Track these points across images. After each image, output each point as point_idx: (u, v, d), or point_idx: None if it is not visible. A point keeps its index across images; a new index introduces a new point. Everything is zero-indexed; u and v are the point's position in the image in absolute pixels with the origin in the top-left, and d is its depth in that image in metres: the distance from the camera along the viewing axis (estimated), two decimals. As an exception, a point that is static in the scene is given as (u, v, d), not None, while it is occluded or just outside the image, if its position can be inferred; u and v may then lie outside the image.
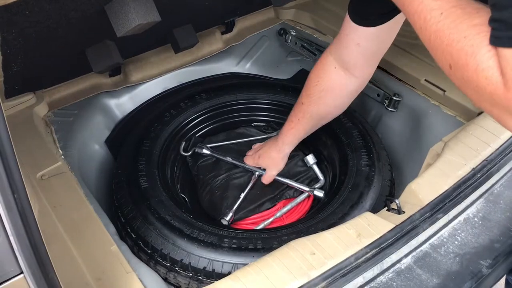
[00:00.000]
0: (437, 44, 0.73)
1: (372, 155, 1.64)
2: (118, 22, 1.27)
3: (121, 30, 1.27)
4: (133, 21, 1.25)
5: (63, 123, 1.77)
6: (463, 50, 0.68)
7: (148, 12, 1.27)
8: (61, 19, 1.23)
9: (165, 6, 1.33)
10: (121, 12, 1.25)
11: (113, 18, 1.26)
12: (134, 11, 1.24)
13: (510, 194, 1.39)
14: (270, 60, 2.30)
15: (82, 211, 1.36)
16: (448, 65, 0.71)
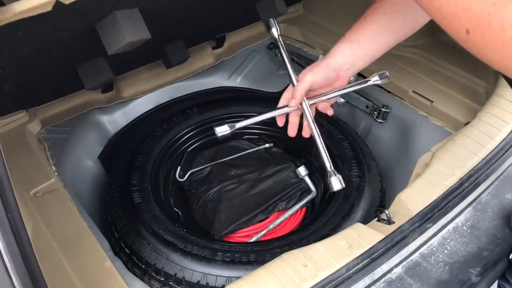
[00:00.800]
0: (451, 11, 0.72)
1: (362, 166, 1.67)
2: (109, 41, 1.28)
3: (112, 48, 1.29)
4: (123, 39, 1.26)
5: (56, 140, 1.78)
6: (485, 10, 0.67)
7: (138, 30, 1.29)
8: (52, 39, 1.25)
9: (156, 23, 1.35)
10: (111, 31, 1.27)
11: (104, 37, 1.28)
12: (124, 29, 1.25)
13: (497, 202, 1.41)
14: (261, 74, 2.33)
15: (75, 228, 1.37)
16: (465, 30, 0.71)
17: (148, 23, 1.33)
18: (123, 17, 1.26)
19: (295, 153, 1.94)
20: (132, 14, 1.28)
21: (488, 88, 1.73)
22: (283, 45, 1.34)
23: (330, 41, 2.13)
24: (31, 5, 1.02)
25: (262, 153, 1.92)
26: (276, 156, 1.91)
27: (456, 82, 1.84)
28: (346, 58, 1.18)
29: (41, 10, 1.04)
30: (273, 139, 1.96)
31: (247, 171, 1.84)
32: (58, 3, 1.05)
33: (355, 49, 1.17)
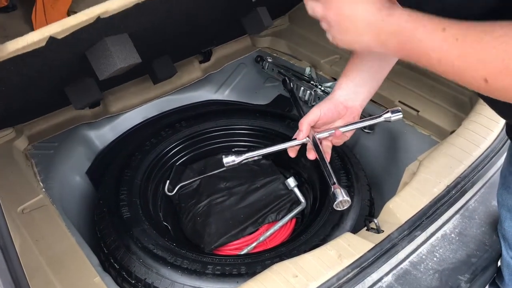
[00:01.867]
0: (465, 65, 0.75)
1: (350, 176, 1.68)
2: (99, 67, 1.29)
3: (103, 74, 1.30)
4: (114, 65, 1.27)
5: (43, 156, 1.77)
6: (498, 57, 0.69)
7: (129, 55, 1.30)
8: (43, 68, 1.25)
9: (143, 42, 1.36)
10: (102, 57, 1.27)
11: (95, 63, 1.29)
12: (115, 55, 1.26)
13: (484, 209, 1.43)
14: (248, 87, 2.34)
15: (64, 244, 1.36)
16: (483, 80, 0.72)
17: (136, 44, 1.34)
18: (114, 43, 1.27)
19: (284, 165, 1.94)
20: (122, 39, 1.29)
21: (472, 97, 1.76)
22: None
23: (316, 53, 2.17)
24: (26, 43, 1.04)
25: (251, 165, 1.93)
26: (265, 168, 1.91)
27: (441, 91, 1.87)
28: (349, 91, 1.21)
29: (35, 46, 1.06)
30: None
31: (236, 184, 1.84)
32: (52, 39, 1.06)
33: (356, 82, 1.21)
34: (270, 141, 1.95)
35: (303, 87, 2.11)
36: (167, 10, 1.37)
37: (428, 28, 0.80)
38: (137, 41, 1.34)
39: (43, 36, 1.03)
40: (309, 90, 2.09)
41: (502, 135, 1.53)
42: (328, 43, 1.44)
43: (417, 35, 0.81)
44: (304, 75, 2.15)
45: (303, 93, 2.12)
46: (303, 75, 2.15)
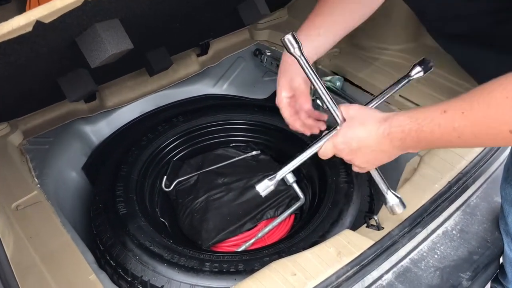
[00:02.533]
0: (483, 129, 0.80)
1: (350, 171, 1.65)
2: (91, 54, 1.26)
3: (94, 61, 1.27)
4: (106, 51, 1.24)
5: (38, 151, 1.74)
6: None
7: (120, 41, 1.27)
8: (31, 56, 1.22)
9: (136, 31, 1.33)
10: (93, 44, 1.24)
11: (85, 50, 1.26)
12: (106, 42, 1.23)
13: (486, 205, 1.41)
14: (247, 81, 2.31)
15: (59, 241, 1.33)
16: (508, 131, 0.76)
17: (129, 32, 1.30)
18: (104, 29, 1.24)
19: (282, 160, 1.92)
20: (113, 25, 1.26)
21: (474, 91, 1.73)
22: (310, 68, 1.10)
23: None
24: (11, 28, 1.00)
25: (249, 160, 1.90)
26: (263, 163, 1.89)
27: (442, 85, 1.84)
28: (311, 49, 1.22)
29: (21, 31, 1.02)
30: (260, 146, 1.95)
31: (234, 179, 1.82)
32: (39, 23, 1.02)
33: (317, 39, 1.25)
34: (269, 136, 1.93)
35: None
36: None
37: (429, 117, 0.88)
38: (131, 29, 1.30)
39: (29, 20, 0.98)
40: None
41: (505, 130, 1.51)
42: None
43: (424, 129, 0.88)
44: None
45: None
46: None
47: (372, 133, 0.99)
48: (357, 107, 1.07)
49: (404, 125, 0.93)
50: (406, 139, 0.94)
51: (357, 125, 1.03)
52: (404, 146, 0.96)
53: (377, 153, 1.02)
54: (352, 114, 1.06)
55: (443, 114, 0.85)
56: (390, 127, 0.96)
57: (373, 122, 1.00)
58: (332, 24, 1.25)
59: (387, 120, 0.97)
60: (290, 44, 1.05)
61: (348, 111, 1.07)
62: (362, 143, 1.02)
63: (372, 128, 1.00)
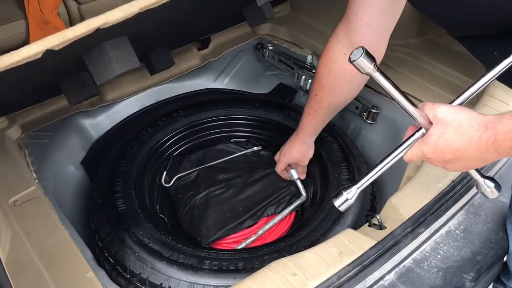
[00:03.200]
0: None
1: (352, 168, 1.63)
2: (97, 71, 1.24)
3: (100, 79, 1.25)
4: (113, 71, 1.22)
5: (37, 146, 1.72)
6: None
7: (128, 59, 1.25)
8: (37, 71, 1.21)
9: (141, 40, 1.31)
10: (100, 62, 1.22)
11: (92, 67, 1.24)
12: (113, 61, 1.21)
13: (491, 205, 1.39)
14: (248, 75, 2.28)
15: (57, 237, 1.32)
16: None
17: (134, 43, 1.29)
18: (112, 47, 1.22)
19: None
20: (121, 42, 1.24)
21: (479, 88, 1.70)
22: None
23: (317, 41, 2.11)
24: (20, 58, 1.02)
25: (250, 156, 1.88)
26: (264, 159, 1.87)
27: (446, 81, 1.81)
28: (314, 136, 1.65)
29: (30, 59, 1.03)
30: (262, 142, 1.92)
31: (235, 175, 1.80)
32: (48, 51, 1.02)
33: (316, 132, 1.63)
34: (270, 132, 1.91)
35: (304, 76, 2.06)
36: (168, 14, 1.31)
37: None
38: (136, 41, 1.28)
39: (39, 50, 1.00)
40: (310, 79, 2.03)
41: (510, 127, 1.49)
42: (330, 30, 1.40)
43: None
44: (306, 63, 2.09)
45: (304, 82, 2.07)
46: (304, 63, 2.10)
47: (473, 143, 0.85)
48: (448, 108, 0.90)
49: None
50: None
51: (451, 132, 0.87)
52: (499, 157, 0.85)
53: (478, 161, 0.89)
54: (443, 116, 0.89)
55: None
56: (496, 135, 0.81)
57: (472, 129, 0.85)
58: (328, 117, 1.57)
59: (491, 125, 0.83)
60: (365, 64, 0.90)
61: (436, 112, 0.90)
62: (459, 153, 0.88)
63: (472, 136, 0.84)
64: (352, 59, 0.88)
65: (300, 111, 1.90)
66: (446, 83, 1.81)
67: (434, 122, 0.91)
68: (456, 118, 0.88)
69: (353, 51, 0.88)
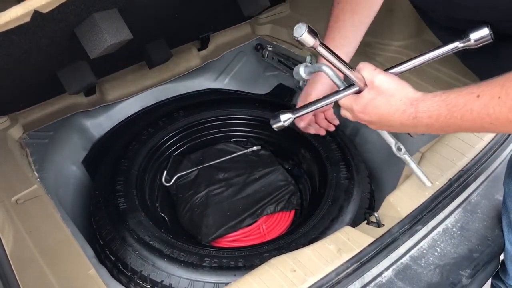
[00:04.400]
0: None
1: (351, 168, 1.65)
2: (89, 44, 1.25)
3: (93, 52, 1.26)
4: (105, 41, 1.23)
5: (38, 145, 1.74)
6: None
7: (119, 31, 1.26)
8: (31, 48, 1.21)
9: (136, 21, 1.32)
10: (91, 34, 1.24)
11: (84, 41, 1.25)
12: (105, 32, 1.22)
13: (487, 203, 1.41)
14: (248, 76, 2.30)
15: (58, 235, 1.33)
16: None
17: (128, 23, 1.30)
18: (103, 19, 1.23)
19: (283, 156, 1.92)
20: (112, 15, 1.25)
21: (476, 88, 1.72)
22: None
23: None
24: (9, 18, 0.99)
25: (250, 156, 1.90)
26: (264, 158, 1.88)
27: (444, 81, 1.83)
28: None
29: (19, 22, 1.02)
30: (261, 141, 1.94)
31: (234, 175, 1.81)
32: (37, 13, 1.01)
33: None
34: (270, 132, 1.92)
35: None
36: None
37: (461, 102, 0.84)
38: (129, 20, 1.29)
39: (27, 10, 0.97)
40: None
41: (506, 127, 1.50)
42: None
43: (455, 115, 0.85)
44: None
45: (304, 82, 2.08)
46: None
47: (397, 114, 0.95)
48: (387, 78, 0.99)
49: (433, 110, 0.89)
50: (434, 125, 0.90)
51: (382, 100, 0.97)
52: (430, 130, 0.93)
53: (398, 128, 1.00)
54: (379, 84, 0.99)
55: (476, 99, 0.81)
56: (417, 112, 0.92)
57: (401, 102, 0.95)
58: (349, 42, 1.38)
59: (415, 103, 0.93)
60: (309, 39, 0.98)
61: (374, 79, 0.99)
62: (383, 119, 0.98)
63: (398, 108, 0.95)
64: (295, 35, 0.96)
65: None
66: (445, 84, 1.82)
67: (369, 86, 1.00)
68: (390, 89, 0.98)
69: (296, 27, 0.96)
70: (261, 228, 1.65)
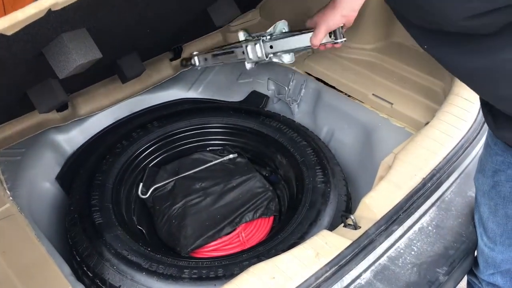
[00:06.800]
0: None
1: (327, 171, 1.66)
2: (58, 64, 1.23)
3: (63, 72, 1.24)
4: (74, 61, 1.21)
5: (10, 163, 1.71)
6: None
7: (88, 50, 1.25)
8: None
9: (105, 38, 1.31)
10: (60, 54, 1.22)
11: (53, 61, 1.23)
12: (74, 52, 1.21)
13: (461, 200, 1.43)
14: (222, 84, 2.30)
15: (34, 254, 1.30)
16: None
17: (98, 40, 1.28)
18: (71, 39, 1.22)
19: (259, 162, 1.92)
20: (80, 34, 1.24)
21: (445, 87, 1.76)
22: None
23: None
24: None
25: (226, 164, 1.90)
26: (240, 166, 1.88)
27: (414, 83, 1.86)
28: None
29: None
30: (237, 149, 1.94)
31: (212, 184, 1.81)
32: (1, 36, 0.99)
33: None
34: (245, 139, 1.93)
35: (249, 46, 1.74)
36: (125, 3, 1.31)
37: None
38: (99, 38, 1.28)
39: None
40: (256, 44, 1.73)
41: (476, 125, 1.54)
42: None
43: None
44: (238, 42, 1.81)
45: (253, 52, 1.75)
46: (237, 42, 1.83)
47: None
48: None
49: None
50: None
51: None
52: None
53: None
54: None
55: None
56: None
57: None
58: None
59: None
60: None
61: None
62: None
63: None
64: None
65: (274, 117, 1.92)
66: (414, 84, 1.86)
67: None
68: None
69: None
70: (240, 236, 1.65)
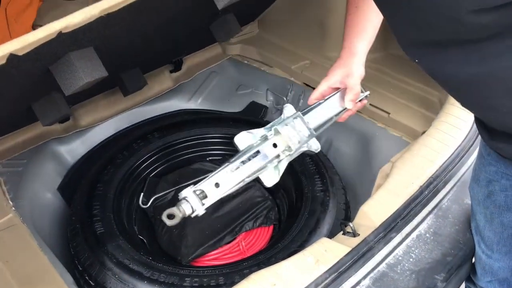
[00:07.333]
0: None
1: (325, 180, 1.68)
2: (65, 82, 1.26)
3: (69, 89, 1.27)
4: (80, 80, 1.24)
5: (12, 174, 1.72)
6: None
7: (95, 69, 1.28)
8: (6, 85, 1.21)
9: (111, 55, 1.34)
10: (67, 72, 1.25)
11: (60, 78, 1.26)
12: (80, 70, 1.23)
13: (458, 207, 1.45)
14: (221, 95, 2.33)
15: (36, 264, 1.31)
16: None
17: (103, 57, 1.31)
18: (78, 57, 1.24)
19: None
20: (87, 53, 1.27)
21: (441, 97, 1.78)
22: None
23: (286, 59, 2.17)
24: None
25: (226, 174, 1.91)
26: (240, 176, 1.90)
27: (410, 93, 1.89)
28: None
29: None
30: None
31: (212, 193, 1.82)
32: (13, 56, 1.02)
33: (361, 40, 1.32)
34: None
35: None
36: (132, 22, 1.35)
37: None
38: (104, 54, 1.31)
39: (3, 53, 0.99)
40: None
41: (471, 134, 1.56)
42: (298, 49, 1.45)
43: None
44: None
45: None
46: None
47: None
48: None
49: None
50: None
51: None
52: None
53: None
54: None
55: None
56: None
57: None
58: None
59: None
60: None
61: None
62: None
63: None
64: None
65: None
66: (411, 94, 1.88)
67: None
68: None
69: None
70: (240, 245, 1.66)
